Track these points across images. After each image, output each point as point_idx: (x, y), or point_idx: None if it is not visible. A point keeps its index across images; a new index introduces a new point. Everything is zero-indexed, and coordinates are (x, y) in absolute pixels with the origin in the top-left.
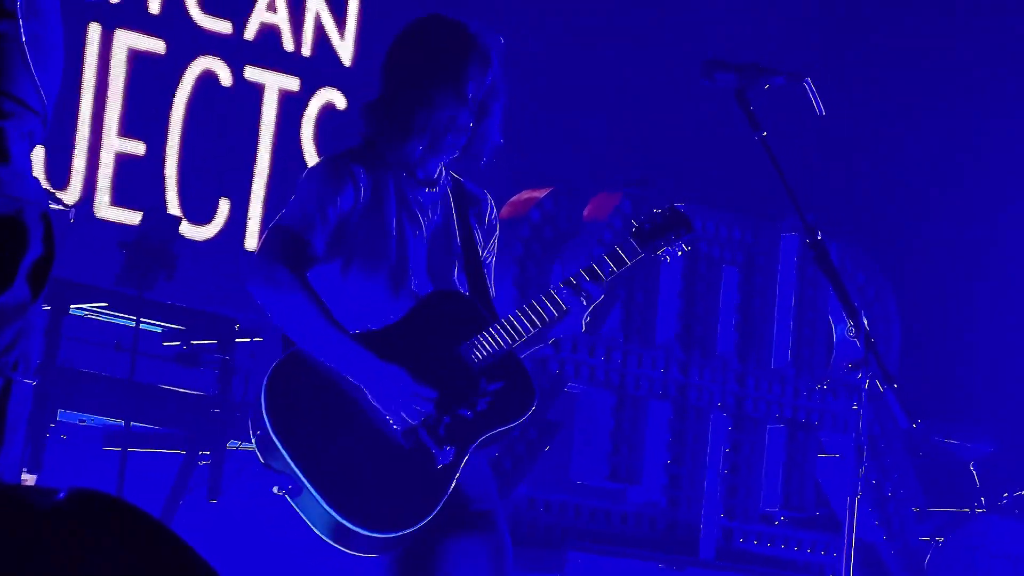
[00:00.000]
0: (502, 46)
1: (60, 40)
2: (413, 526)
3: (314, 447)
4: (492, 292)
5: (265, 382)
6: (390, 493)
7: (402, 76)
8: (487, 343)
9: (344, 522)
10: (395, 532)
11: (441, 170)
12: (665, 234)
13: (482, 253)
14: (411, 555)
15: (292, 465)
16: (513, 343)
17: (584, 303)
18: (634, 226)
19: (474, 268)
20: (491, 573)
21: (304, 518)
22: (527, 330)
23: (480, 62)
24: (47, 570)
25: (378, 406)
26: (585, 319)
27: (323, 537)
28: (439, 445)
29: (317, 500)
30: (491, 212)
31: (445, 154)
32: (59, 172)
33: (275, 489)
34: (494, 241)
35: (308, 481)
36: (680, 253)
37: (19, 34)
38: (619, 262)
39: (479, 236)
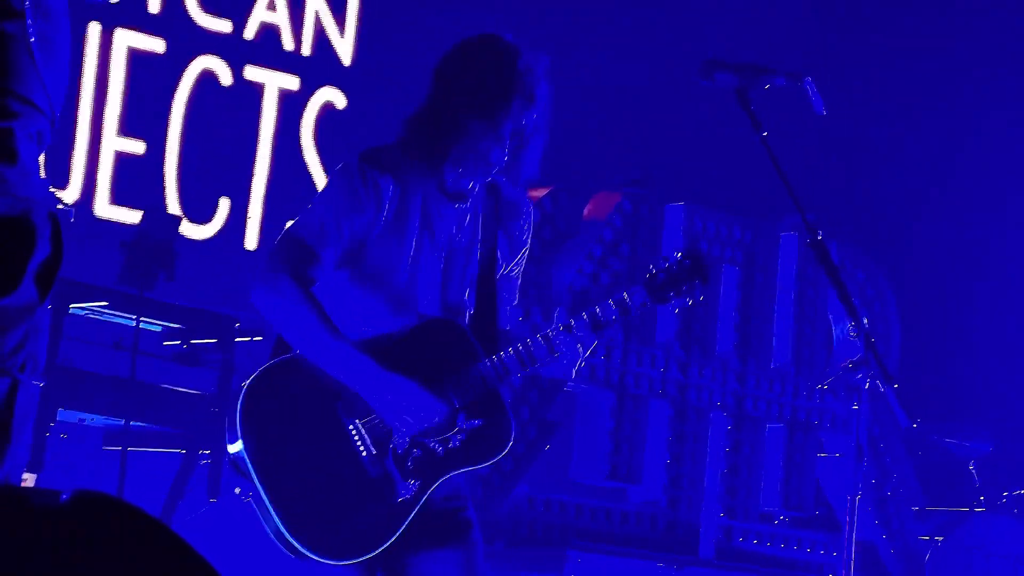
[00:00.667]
0: (548, 88)
1: (68, 40)
2: (361, 556)
3: (279, 464)
4: (515, 302)
5: (243, 391)
6: (345, 520)
7: (444, 97)
8: (473, 381)
9: (294, 542)
10: (341, 560)
11: (474, 185)
12: (678, 286)
13: (506, 268)
14: (383, 559)
15: (254, 476)
16: (500, 382)
17: (579, 350)
18: (650, 272)
19: (486, 290)
20: (463, 574)
21: (263, 523)
22: (515, 371)
23: (523, 100)
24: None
25: (379, 412)
26: (578, 365)
27: (275, 541)
28: (404, 477)
29: (273, 517)
30: (527, 219)
31: (476, 179)
32: (59, 171)
33: (236, 490)
34: (525, 250)
35: (266, 494)
36: (691, 303)
37: (27, 34)
38: (625, 311)
39: (503, 253)
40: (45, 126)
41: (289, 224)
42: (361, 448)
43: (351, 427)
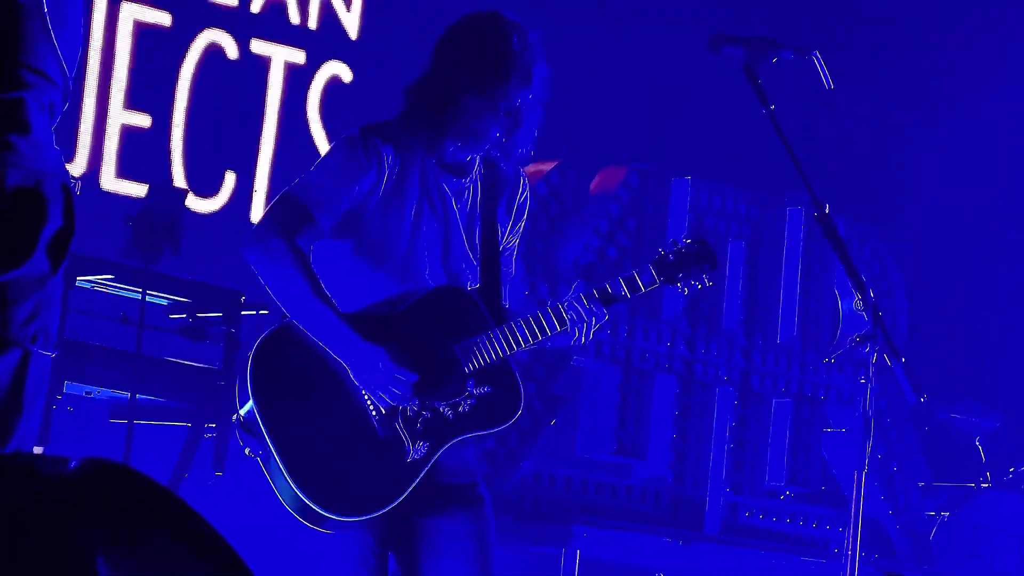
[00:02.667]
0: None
1: (80, 11)
2: (370, 513)
3: (290, 421)
4: (512, 274)
5: (253, 349)
6: (355, 478)
7: (443, 71)
8: (483, 348)
9: (304, 499)
10: (351, 517)
11: (473, 158)
12: (688, 268)
13: (505, 241)
14: (395, 535)
15: (265, 435)
16: (509, 352)
17: (587, 324)
18: (660, 253)
19: (490, 263)
20: (475, 550)
21: (271, 483)
22: (525, 341)
23: (520, 78)
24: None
25: (359, 384)
26: (586, 336)
27: (284, 505)
28: (413, 440)
29: (283, 473)
30: (524, 192)
31: (480, 148)
32: (65, 145)
33: (247, 451)
34: (522, 224)
35: (277, 454)
36: (700, 287)
37: (41, 4)
38: (634, 288)
39: (504, 227)
40: (57, 97)
41: (287, 188)
42: (372, 408)
43: (362, 387)
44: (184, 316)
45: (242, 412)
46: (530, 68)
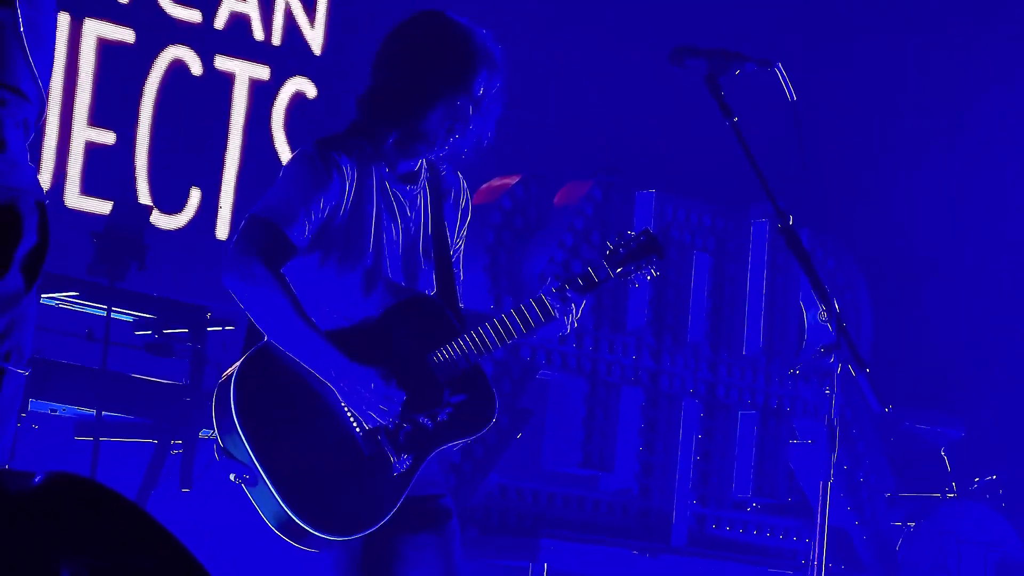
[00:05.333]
0: (496, 66)
1: (54, 27)
2: (362, 531)
3: (276, 442)
4: (461, 278)
5: (234, 375)
6: (344, 496)
7: (403, 71)
8: (454, 354)
9: (296, 520)
10: (344, 536)
11: (421, 164)
12: (637, 260)
13: (454, 246)
14: (367, 549)
15: (252, 457)
16: (480, 355)
17: (572, 313)
18: (608, 249)
19: (444, 268)
20: (442, 563)
21: (257, 508)
22: (494, 344)
23: (488, 65)
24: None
25: (347, 405)
26: (572, 323)
27: (272, 528)
28: (397, 453)
29: (272, 495)
30: (464, 196)
31: (436, 151)
32: None
33: (232, 476)
34: (465, 227)
35: (266, 475)
36: (648, 278)
37: (17, 22)
38: (591, 284)
39: (452, 231)
40: (32, 114)
41: (253, 210)
42: (355, 426)
43: (344, 405)
44: (150, 332)
45: (222, 438)
46: (495, 55)
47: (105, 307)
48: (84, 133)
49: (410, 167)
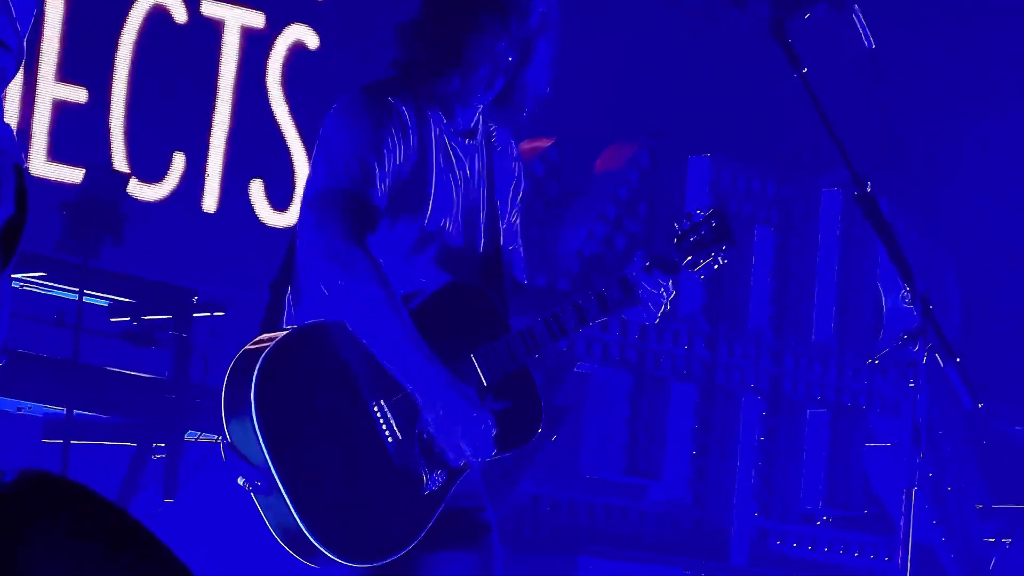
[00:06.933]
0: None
1: None
2: (381, 559)
3: (297, 451)
4: (522, 255)
5: (267, 352)
6: (366, 516)
7: (438, 7)
8: (501, 353)
9: (310, 538)
10: (360, 563)
11: (479, 120)
12: (706, 248)
13: (510, 217)
14: (390, 570)
15: (267, 459)
16: (529, 355)
17: (662, 293)
18: (677, 234)
19: (495, 242)
20: None
21: (263, 515)
22: (545, 343)
23: (519, 15)
24: None
25: (435, 432)
26: (663, 310)
27: (277, 539)
28: (430, 467)
29: (286, 506)
30: (517, 161)
31: (479, 93)
32: None
33: (240, 480)
34: (519, 198)
35: (281, 482)
36: (716, 268)
37: None
38: (672, 268)
39: (506, 202)
40: (11, 63)
41: (309, 180)
42: (386, 432)
43: (375, 407)
44: (128, 319)
45: (230, 428)
46: (528, 5)
47: (76, 289)
48: (51, 90)
49: (468, 118)
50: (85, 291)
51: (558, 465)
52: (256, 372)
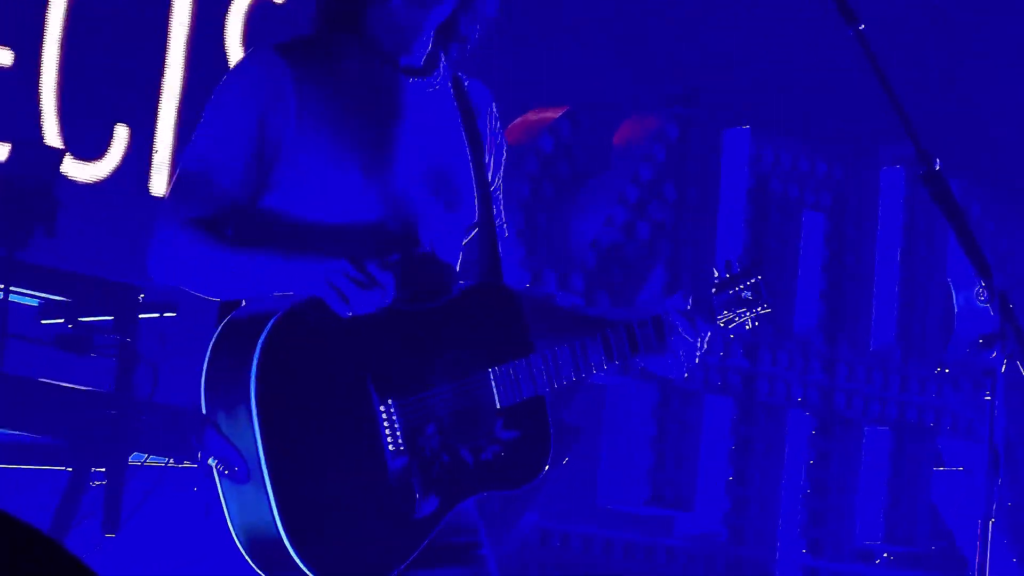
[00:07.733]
0: None
1: None
2: None
3: (293, 442)
4: (506, 235)
5: (275, 320)
6: (350, 534)
7: None
8: (521, 375)
9: (286, 543)
10: None
11: (438, 56)
12: (739, 309)
13: (492, 185)
14: None
15: (261, 454)
16: (548, 386)
17: (696, 342)
18: (715, 284)
19: (486, 207)
20: None
21: (225, 507)
22: (567, 376)
23: None
24: None
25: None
26: (691, 367)
27: (236, 540)
28: (425, 489)
29: (268, 508)
30: (495, 119)
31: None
32: None
33: (211, 460)
34: (502, 165)
35: (271, 482)
36: (748, 327)
37: None
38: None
39: (489, 159)
40: None
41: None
42: (388, 438)
43: (382, 408)
44: (61, 321)
45: (218, 410)
46: None
47: (1, 286)
48: None
49: (415, 55)
50: (10, 288)
51: (570, 494)
52: (260, 345)
